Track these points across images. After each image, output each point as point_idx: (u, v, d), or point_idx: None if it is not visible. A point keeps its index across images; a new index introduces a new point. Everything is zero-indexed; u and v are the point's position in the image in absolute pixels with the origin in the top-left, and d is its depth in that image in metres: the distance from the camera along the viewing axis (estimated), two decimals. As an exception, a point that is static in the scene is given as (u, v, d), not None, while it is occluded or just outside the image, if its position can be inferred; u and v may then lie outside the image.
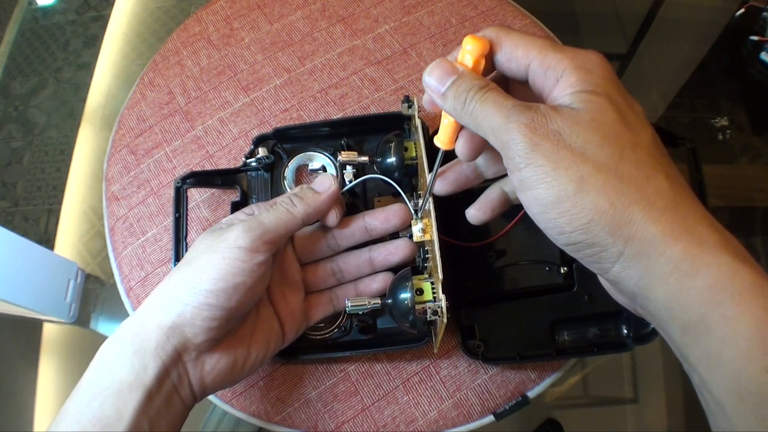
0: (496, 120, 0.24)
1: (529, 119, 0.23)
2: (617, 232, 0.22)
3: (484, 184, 0.33)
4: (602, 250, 0.23)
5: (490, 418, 0.41)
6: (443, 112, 0.29)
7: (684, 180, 0.24)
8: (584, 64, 0.24)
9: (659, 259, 0.22)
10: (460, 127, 0.29)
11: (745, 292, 0.21)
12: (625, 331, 0.39)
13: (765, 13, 1.29)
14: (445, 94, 0.26)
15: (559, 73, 0.24)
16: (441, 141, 0.30)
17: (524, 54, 0.26)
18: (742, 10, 1.34)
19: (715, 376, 0.22)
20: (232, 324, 0.33)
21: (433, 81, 0.26)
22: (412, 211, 0.38)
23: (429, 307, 0.34)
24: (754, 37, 1.28)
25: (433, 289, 0.35)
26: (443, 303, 0.33)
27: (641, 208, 0.22)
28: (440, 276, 0.34)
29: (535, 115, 0.23)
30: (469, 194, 0.43)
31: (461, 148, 0.29)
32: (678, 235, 0.22)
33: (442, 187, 0.33)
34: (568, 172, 0.22)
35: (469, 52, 0.26)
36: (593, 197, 0.22)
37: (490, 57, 0.27)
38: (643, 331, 0.38)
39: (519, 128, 0.23)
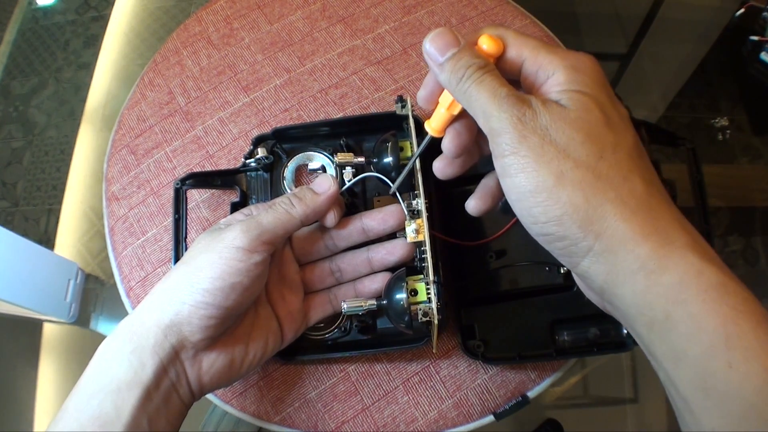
0: (489, 106, 0.24)
1: (521, 113, 0.24)
2: (588, 227, 0.23)
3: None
4: (572, 243, 0.24)
5: (490, 418, 0.41)
6: (440, 99, 0.28)
7: (661, 184, 0.25)
8: (575, 65, 0.25)
9: (627, 257, 0.23)
10: (454, 119, 0.28)
11: (710, 290, 0.22)
12: (625, 331, 0.39)
13: (765, 13, 1.29)
14: (444, 65, 0.26)
15: (550, 72, 0.25)
16: (432, 127, 0.29)
17: (517, 54, 0.26)
18: (742, 10, 1.34)
19: (681, 372, 0.22)
20: (230, 323, 0.33)
21: (434, 49, 0.26)
22: (405, 212, 0.38)
23: (421, 309, 0.34)
24: (754, 37, 1.28)
25: (427, 289, 0.35)
26: (434, 304, 0.33)
27: (614, 207, 0.23)
28: (432, 277, 0.34)
29: (527, 110, 0.24)
30: (469, 193, 0.43)
31: (447, 144, 0.29)
32: (647, 234, 0.22)
33: (446, 169, 0.31)
34: (549, 166, 0.23)
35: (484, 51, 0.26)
36: (569, 192, 0.23)
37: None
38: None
39: (510, 119, 0.24)
